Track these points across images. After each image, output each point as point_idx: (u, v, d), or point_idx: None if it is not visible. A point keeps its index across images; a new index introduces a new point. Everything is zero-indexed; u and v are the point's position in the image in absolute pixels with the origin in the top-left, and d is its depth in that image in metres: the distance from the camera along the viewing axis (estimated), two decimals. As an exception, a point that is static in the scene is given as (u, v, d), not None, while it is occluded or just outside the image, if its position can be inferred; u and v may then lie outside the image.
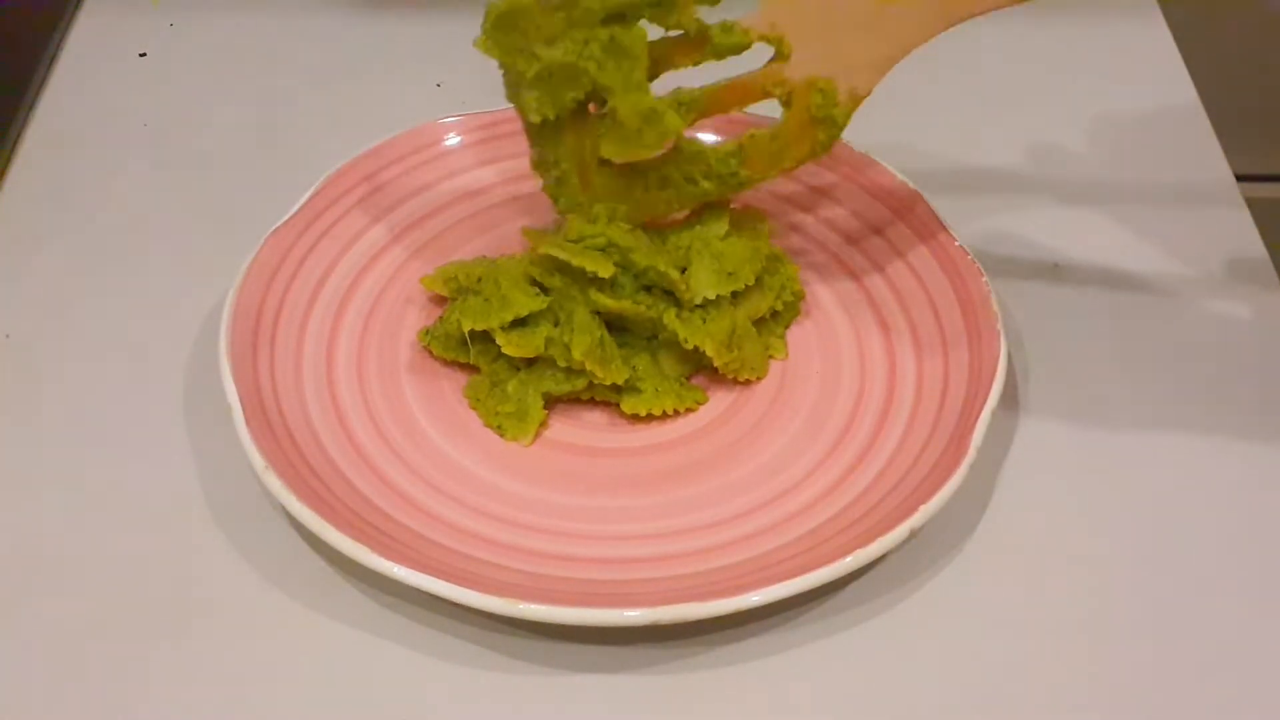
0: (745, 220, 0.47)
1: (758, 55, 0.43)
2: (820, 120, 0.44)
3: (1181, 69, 0.59)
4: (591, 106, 0.43)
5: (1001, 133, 0.56)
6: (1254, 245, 0.51)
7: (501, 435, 0.44)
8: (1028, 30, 0.62)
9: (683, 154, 0.44)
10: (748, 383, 0.46)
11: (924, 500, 0.39)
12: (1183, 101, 0.58)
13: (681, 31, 0.43)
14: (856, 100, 0.43)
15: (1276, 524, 0.43)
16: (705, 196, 0.45)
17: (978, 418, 0.41)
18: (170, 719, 0.38)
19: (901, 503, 0.40)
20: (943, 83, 0.59)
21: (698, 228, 0.46)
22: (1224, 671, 0.39)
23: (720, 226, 0.46)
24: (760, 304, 0.46)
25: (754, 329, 0.46)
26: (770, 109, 0.45)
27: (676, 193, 0.45)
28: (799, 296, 0.48)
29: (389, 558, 0.38)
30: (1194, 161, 0.55)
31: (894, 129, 0.52)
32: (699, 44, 0.43)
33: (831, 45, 0.43)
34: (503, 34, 0.42)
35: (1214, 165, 0.55)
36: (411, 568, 0.38)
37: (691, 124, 0.44)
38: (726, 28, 0.43)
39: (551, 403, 0.45)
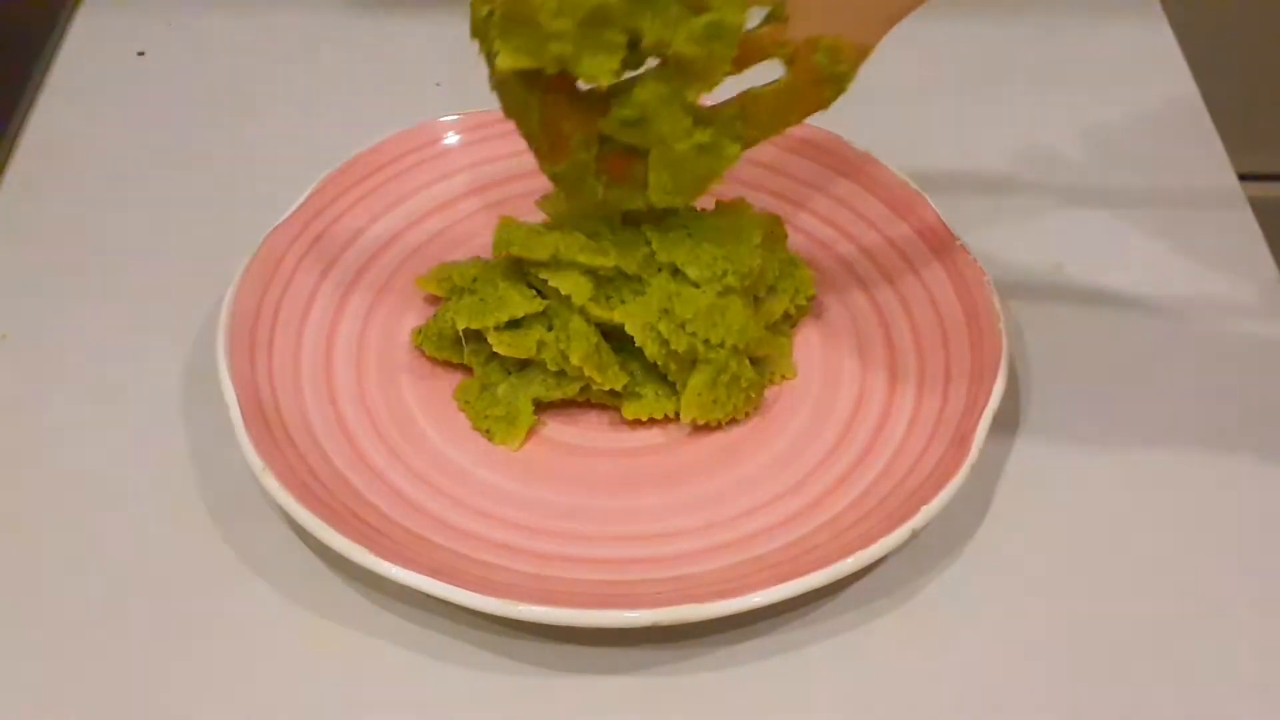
0: (763, 224, 0.47)
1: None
2: (827, 79, 0.41)
3: (1184, 68, 0.59)
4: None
5: (1004, 133, 0.56)
6: (1256, 244, 0.51)
7: (490, 439, 0.44)
8: (1030, 30, 0.62)
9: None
10: (783, 379, 0.46)
11: (925, 501, 0.39)
12: (1185, 100, 0.57)
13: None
14: (864, 53, 0.41)
15: (1277, 523, 0.42)
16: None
17: (979, 418, 0.41)
18: (168, 719, 0.38)
19: (903, 503, 0.40)
20: (945, 83, 0.59)
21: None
22: (1223, 675, 0.39)
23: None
24: (775, 308, 0.46)
25: (769, 333, 0.46)
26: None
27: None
28: (812, 300, 0.47)
29: (387, 558, 0.38)
30: (1196, 161, 0.55)
31: (896, 130, 0.52)
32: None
33: (832, 3, 0.40)
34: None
35: (1216, 164, 0.54)
36: (410, 569, 0.38)
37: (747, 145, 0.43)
38: None
39: (547, 405, 0.45)
